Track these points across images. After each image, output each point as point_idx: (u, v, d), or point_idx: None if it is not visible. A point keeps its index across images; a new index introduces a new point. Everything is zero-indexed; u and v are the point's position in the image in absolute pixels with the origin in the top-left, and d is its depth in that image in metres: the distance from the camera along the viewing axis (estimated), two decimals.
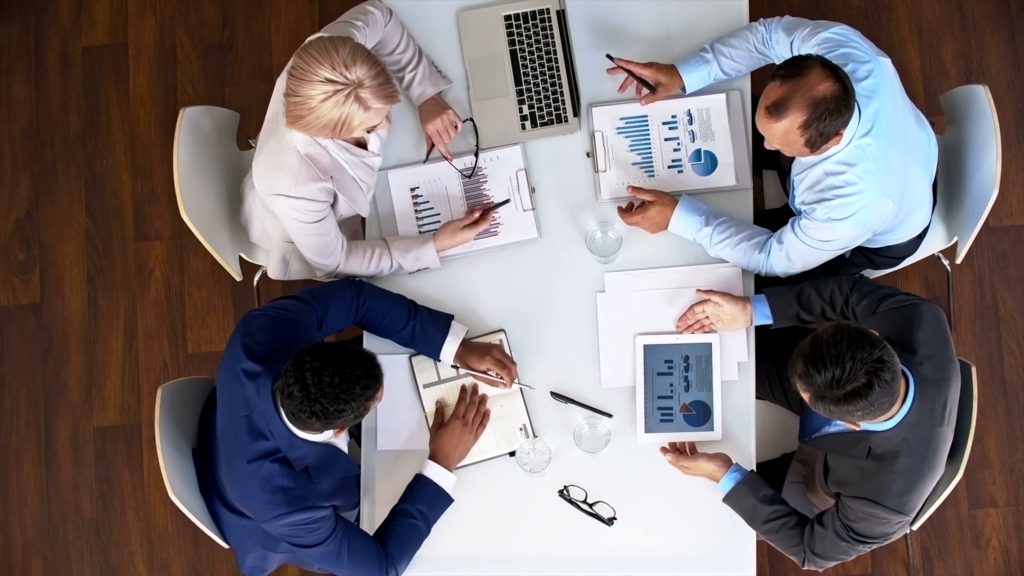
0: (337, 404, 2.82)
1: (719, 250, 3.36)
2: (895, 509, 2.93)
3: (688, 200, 3.37)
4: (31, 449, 4.24)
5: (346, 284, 3.30)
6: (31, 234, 4.36)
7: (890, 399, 2.79)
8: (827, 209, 3.14)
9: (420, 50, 3.48)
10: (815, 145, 3.06)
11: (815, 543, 3.10)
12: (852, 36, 3.21)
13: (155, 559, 4.17)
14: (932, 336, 2.98)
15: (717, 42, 3.42)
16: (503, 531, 3.33)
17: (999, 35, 4.31)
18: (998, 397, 4.12)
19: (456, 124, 3.49)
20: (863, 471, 2.97)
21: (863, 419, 2.82)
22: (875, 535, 3.01)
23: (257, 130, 4.03)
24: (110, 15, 4.48)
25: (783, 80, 3.02)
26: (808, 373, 2.76)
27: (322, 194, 3.17)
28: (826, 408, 2.79)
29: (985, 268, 4.20)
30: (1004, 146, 3.58)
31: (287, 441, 2.98)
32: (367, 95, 3.00)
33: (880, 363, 2.74)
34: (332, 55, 2.97)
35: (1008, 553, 4.04)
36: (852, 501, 2.98)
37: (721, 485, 3.21)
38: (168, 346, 4.28)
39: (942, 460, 2.96)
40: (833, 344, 2.74)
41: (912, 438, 2.91)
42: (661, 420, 3.33)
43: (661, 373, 3.34)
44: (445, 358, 3.32)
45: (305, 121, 3.03)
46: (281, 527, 3.01)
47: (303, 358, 2.83)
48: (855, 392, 2.74)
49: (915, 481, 2.92)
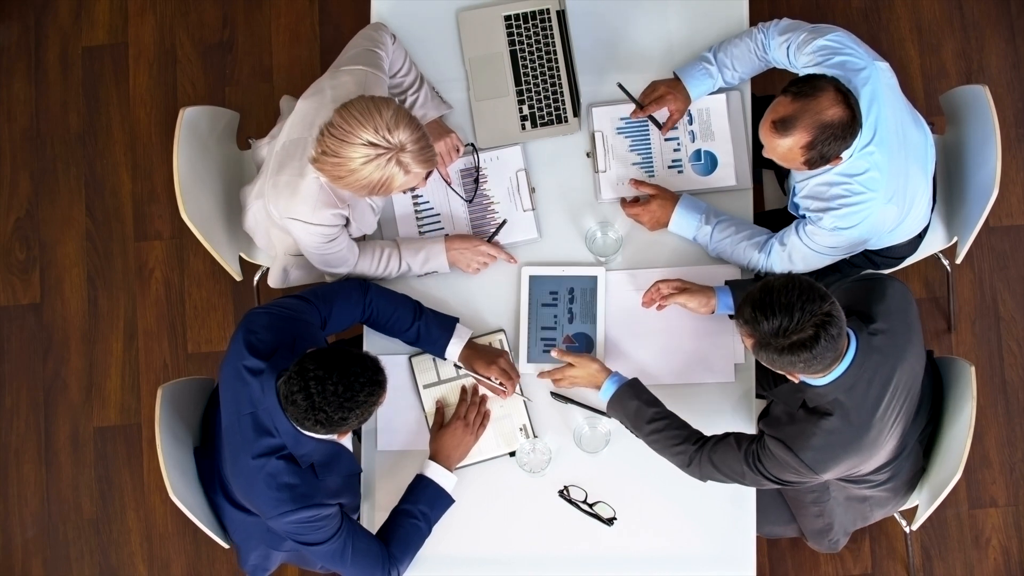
0: (341, 412, 2.83)
1: (719, 249, 3.36)
2: (807, 463, 2.93)
3: (688, 198, 3.38)
4: (31, 449, 4.24)
5: (351, 285, 3.30)
6: (31, 234, 4.36)
7: (833, 354, 2.80)
8: (834, 218, 3.15)
9: (421, 75, 3.49)
10: (813, 165, 3.08)
11: (717, 452, 3.07)
12: (848, 43, 3.20)
13: (155, 559, 4.17)
14: (893, 311, 2.97)
15: (719, 51, 3.42)
16: (503, 531, 3.33)
17: (999, 35, 4.31)
18: (998, 397, 4.12)
19: (458, 148, 3.49)
20: (792, 418, 2.98)
21: (803, 372, 2.83)
22: (780, 478, 3.01)
23: (257, 130, 4.03)
24: (110, 15, 4.48)
25: (794, 98, 3.02)
26: (755, 319, 2.77)
27: (337, 219, 3.18)
28: (768, 357, 2.80)
29: (985, 268, 4.20)
30: (1004, 146, 3.58)
31: (293, 438, 2.98)
32: (408, 159, 2.99)
33: (828, 316, 2.75)
34: (376, 118, 2.96)
35: (1008, 553, 4.04)
36: (771, 441, 2.98)
37: (603, 391, 3.21)
38: (168, 346, 4.28)
39: (872, 441, 2.95)
40: (784, 293, 2.75)
41: (847, 402, 2.90)
42: (544, 351, 3.36)
43: (546, 304, 3.36)
44: (450, 358, 3.33)
45: (344, 182, 3.02)
46: (287, 524, 3.01)
47: (307, 365, 2.83)
48: (801, 343, 2.75)
49: (835, 445, 2.92)
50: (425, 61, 3.56)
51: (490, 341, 3.41)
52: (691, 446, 3.11)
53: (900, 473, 3.23)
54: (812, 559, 4.01)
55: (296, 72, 4.39)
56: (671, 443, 3.14)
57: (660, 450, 3.18)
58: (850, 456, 2.95)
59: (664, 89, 3.45)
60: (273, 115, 4.21)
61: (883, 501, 3.34)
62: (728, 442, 3.08)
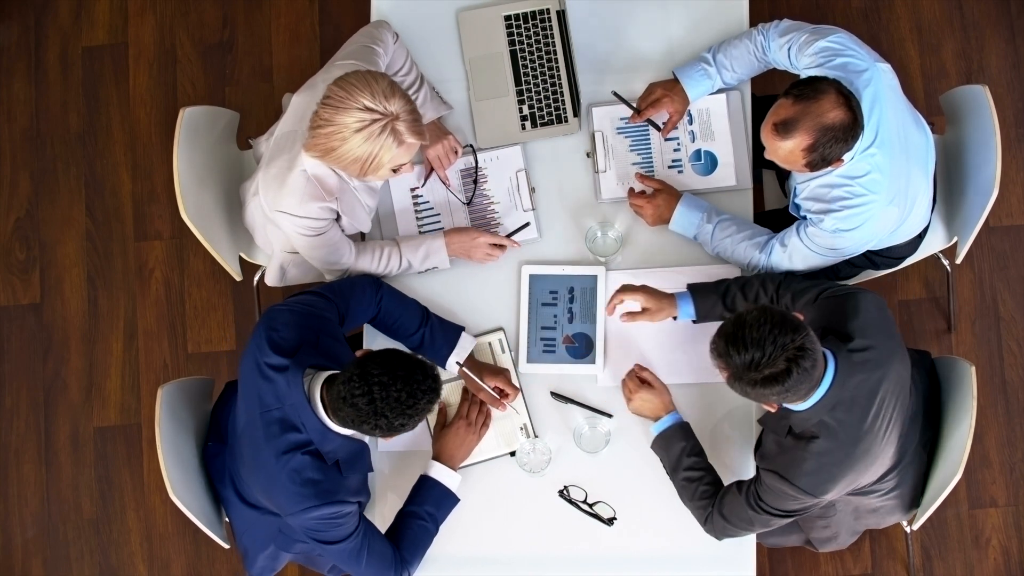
0: (402, 418, 2.83)
1: (719, 248, 3.36)
2: (804, 489, 2.93)
3: (690, 197, 3.38)
4: (31, 449, 4.24)
5: (365, 282, 3.31)
6: (31, 234, 4.36)
7: (807, 386, 2.80)
8: (835, 220, 3.15)
9: (422, 76, 3.48)
10: (815, 167, 3.08)
11: (725, 505, 3.10)
12: (849, 44, 3.20)
13: (155, 559, 4.17)
14: (870, 324, 2.97)
15: (718, 52, 3.41)
16: (503, 531, 3.33)
17: (999, 35, 4.31)
18: (998, 397, 4.12)
19: (456, 150, 3.49)
20: (781, 447, 2.98)
21: (779, 402, 2.84)
22: (784, 510, 3.01)
23: (257, 130, 4.03)
24: (110, 15, 4.48)
25: (796, 100, 3.02)
26: (728, 353, 2.77)
27: (325, 212, 3.17)
28: (742, 389, 2.80)
29: (985, 268, 4.20)
30: (1004, 146, 3.58)
31: (320, 434, 2.97)
32: (403, 128, 2.99)
33: (801, 350, 2.75)
34: (372, 85, 2.97)
35: (1008, 553, 4.04)
36: (766, 474, 2.99)
37: (659, 423, 3.22)
38: (168, 346, 4.28)
39: (864, 452, 2.94)
40: (756, 327, 2.75)
41: (832, 422, 2.90)
42: (544, 351, 3.35)
43: (545, 304, 3.36)
44: (450, 368, 3.33)
45: (336, 153, 3.01)
46: (308, 520, 3.00)
47: (370, 369, 2.82)
48: (773, 377, 2.75)
49: (828, 465, 2.92)
50: (425, 61, 3.56)
51: (489, 340, 3.41)
52: (711, 503, 3.14)
53: (906, 479, 3.22)
54: (812, 559, 4.01)
55: (296, 72, 4.39)
56: (699, 496, 3.17)
57: (686, 499, 3.20)
58: (845, 473, 2.94)
59: (661, 92, 3.44)
60: (273, 115, 4.21)
61: (892, 509, 3.32)
62: (731, 491, 3.10)
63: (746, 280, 3.25)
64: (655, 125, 3.48)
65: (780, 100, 3.05)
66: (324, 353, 3.05)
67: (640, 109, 3.45)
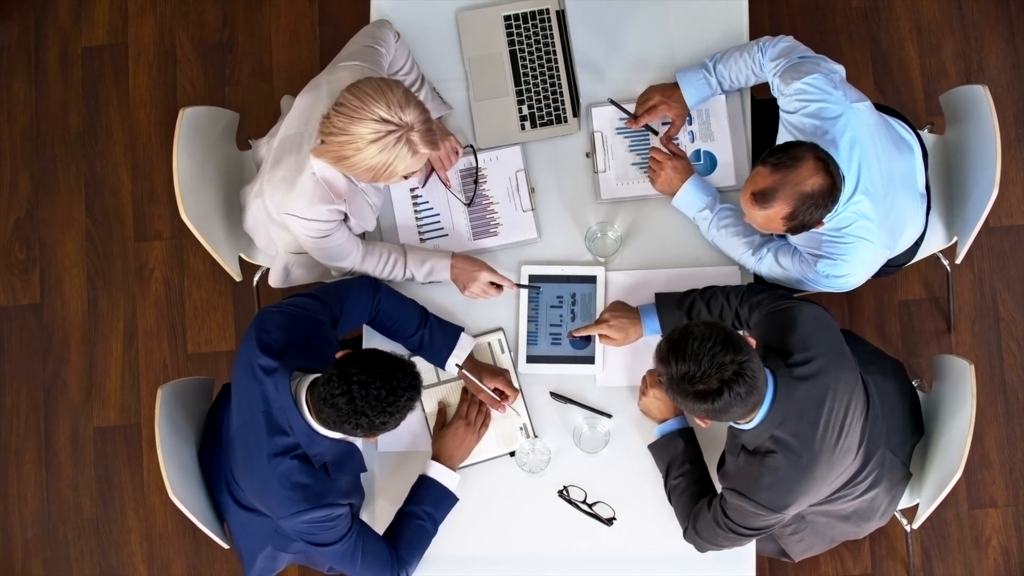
0: (382, 416, 2.82)
1: (713, 235, 3.37)
2: (764, 505, 2.93)
3: (700, 179, 3.38)
4: (31, 449, 4.24)
5: (362, 284, 3.30)
6: (31, 234, 4.36)
7: (741, 410, 2.80)
8: (826, 266, 3.19)
9: (423, 75, 3.48)
10: (795, 232, 3.10)
11: (698, 521, 3.13)
12: (824, 86, 3.17)
13: (155, 559, 4.17)
14: (808, 337, 2.95)
15: (719, 63, 3.41)
16: (502, 532, 3.33)
17: (999, 35, 4.31)
18: (998, 397, 4.12)
19: (457, 151, 3.49)
20: (737, 465, 2.99)
21: (711, 419, 2.84)
22: (750, 527, 3.02)
23: (257, 130, 4.03)
24: (110, 15, 4.48)
25: (773, 169, 3.02)
26: (667, 360, 2.77)
27: (333, 214, 3.17)
28: (675, 398, 2.81)
29: (985, 268, 4.20)
30: (1004, 146, 3.58)
31: (307, 437, 2.97)
32: (417, 139, 2.99)
33: (738, 375, 2.74)
34: (388, 95, 2.96)
35: (1008, 553, 4.04)
36: (728, 493, 3.00)
37: (665, 425, 3.23)
38: (168, 346, 4.28)
39: (821, 461, 2.93)
40: (699, 341, 2.74)
41: (782, 436, 2.90)
42: (551, 343, 3.38)
43: (553, 306, 3.41)
44: (449, 369, 3.32)
45: (350, 162, 3.00)
46: (299, 524, 3.00)
47: (349, 369, 2.82)
48: (703, 394, 2.75)
49: (786, 479, 2.91)
50: (425, 61, 3.56)
51: (489, 340, 3.41)
52: (689, 517, 3.17)
53: (881, 481, 3.20)
54: (812, 559, 4.00)
55: (296, 72, 4.39)
56: (681, 507, 3.19)
57: (673, 503, 3.22)
58: (803, 485, 2.94)
59: (659, 98, 3.44)
60: (273, 115, 4.21)
61: (869, 513, 3.29)
62: (702, 507, 3.12)
63: (712, 293, 3.25)
64: (653, 130, 3.49)
65: (758, 168, 3.05)
66: (313, 355, 3.05)
67: (637, 115, 3.46)
